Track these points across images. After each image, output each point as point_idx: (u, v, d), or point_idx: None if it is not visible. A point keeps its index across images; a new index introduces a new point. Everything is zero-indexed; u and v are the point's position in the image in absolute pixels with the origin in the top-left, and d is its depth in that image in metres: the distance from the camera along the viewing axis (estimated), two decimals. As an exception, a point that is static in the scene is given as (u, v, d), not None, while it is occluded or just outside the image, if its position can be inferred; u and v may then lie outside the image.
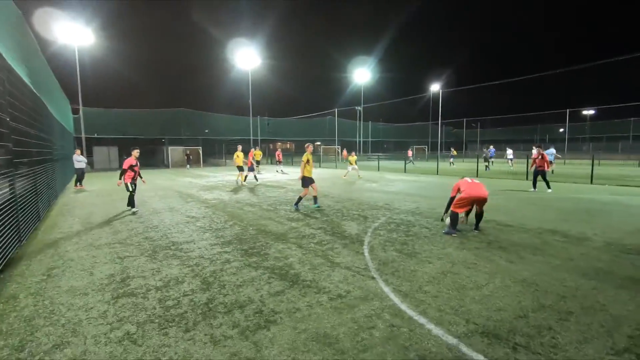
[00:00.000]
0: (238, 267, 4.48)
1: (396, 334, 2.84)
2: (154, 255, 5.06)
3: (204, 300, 3.51)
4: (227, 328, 2.95)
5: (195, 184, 15.90)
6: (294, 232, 6.31)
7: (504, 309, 3.24)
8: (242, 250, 5.25)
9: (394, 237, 5.85)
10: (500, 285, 3.80)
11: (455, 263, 4.51)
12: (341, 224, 6.94)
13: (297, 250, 5.18)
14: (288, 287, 3.83)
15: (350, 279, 4.04)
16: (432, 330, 2.88)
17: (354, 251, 5.10)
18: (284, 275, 4.17)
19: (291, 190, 12.74)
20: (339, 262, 4.64)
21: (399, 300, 3.45)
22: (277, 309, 3.29)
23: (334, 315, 3.17)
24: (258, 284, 3.92)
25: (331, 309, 3.28)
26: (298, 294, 3.63)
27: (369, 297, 3.52)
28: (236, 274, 4.23)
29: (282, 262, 4.65)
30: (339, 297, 3.55)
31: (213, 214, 8.32)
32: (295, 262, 4.64)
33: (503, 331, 2.84)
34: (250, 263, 4.64)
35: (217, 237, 6.03)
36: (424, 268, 4.35)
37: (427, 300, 3.43)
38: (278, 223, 7.12)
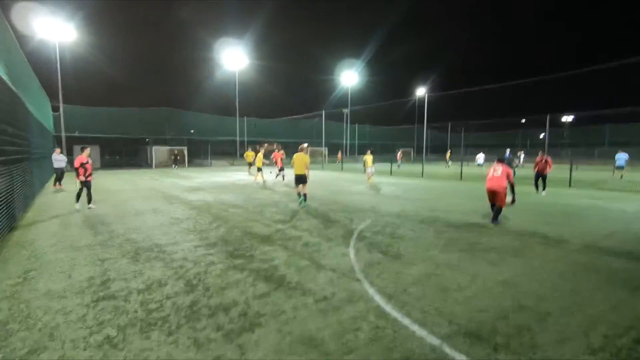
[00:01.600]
0: (223, 269, 4.43)
1: (381, 335, 2.86)
2: (136, 257, 4.95)
3: (187, 303, 3.46)
4: (211, 331, 2.92)
5: (179, 185, 15.65)
6: (280, 234, 6.29)
7: (486, 310, 3.30)
8: (227, 252, 5.20)
9: (379, 240, 5.90)
10: (482, 286, 3.87)
11: (439, 265, 4.58)
12: (327, 226, 6.95)
13: (283, 252, 5.16)
14: (273, 289, 3.81)
15: (336, 280, 4.05)
16: (416, 331, 2.92)
17: (339, 253, 5.12)
18: (270, 278, 4.15)
19: (277, 192, 12.70)
20: (324, 264, 4.64)
21: (384, 301, 3.48)
22: (262, 312, 3.27)
23: (320, 317, 3.17)
24: (243, 286, 3.89)
25: (317, 311, 3.28)
26: (284, 296, 3.61)
27: (354, 299, 3.54)
28: (221, 276, 4.18)
29: (268, 264, 4.63)
30: (325, 299, 3.55)
31: (198, 215, 8.21)
32: (281, 264, 4.63)
33: (484, 332, 2.90)
34: (236, 265, 4.60)
35: (201, 239, 5.95)
36: (408, 270, 4.40)
37: (411, 302, 3.47)
38: (264, 225, 7.08)
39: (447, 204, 9.83)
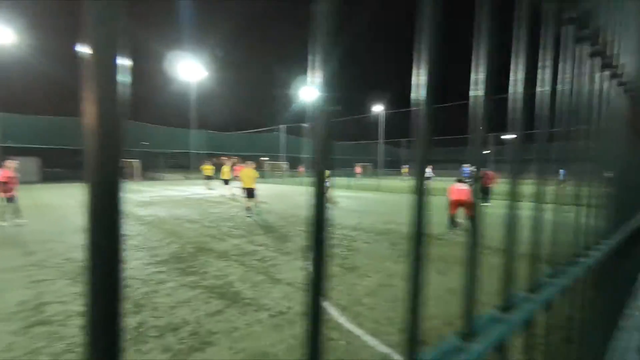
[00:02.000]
0: (174, 288, 4.24)
1: (334, 346, 2.89)
2: (77, 278, 4.60)
3: (133, 324, 3.27)
4: (157, 353, 2.78)
5: (129, 200, 14.78)
6: (236, 249, 6.16)
7: (435, 317, 3.47)
8: (179, 269, 4.99)
9: (336, 252, 5.98)
10: (432, 295, 4.06)
11: (392, 276, 4.73)
12: (285, 240, 6.92)
13: (239, 268, 5.06)
14: (227, 306, 3.72)
15: (292, 295, 4.04)
16: (368, 341, 2.99)
17: (296, 267, 5.12)
18: (224, 294, 4.04)
19: (235, 207, 12.44)
20: (280, 278, 4.62)
21: (338, 313, 3.53)
22: (214, 330, 3.17)
23: (274, 332, 3.14)
24: (195, 304, 3.75)
25: (271, 327, 3.25)
26: (237, 313, 3.54)
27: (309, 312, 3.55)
28: (171, 295, 4.00)
29: (222, 281, 4.51)
30: (280, 313, 3.53)
31: (148, 231, 7.80)
32: (236, 280, 4.53)
33: (432, 337, 3.04)
34: (188, 283, 4.43)
35: (151, 256, 5.66)
36: (363, 281, 4.50)
37: (364, 313, 3.55)
38: (220, 240, 6.89)
39: (402, 217, 10.21)
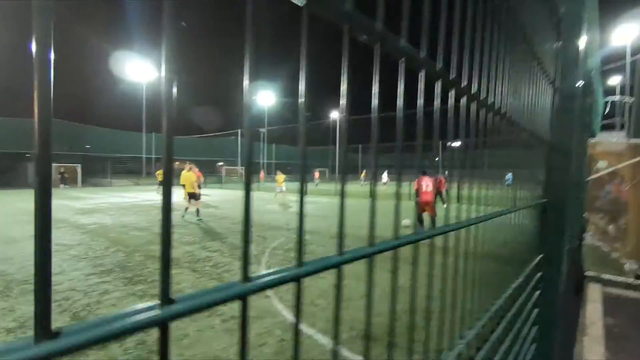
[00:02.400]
0: (119, 298, 4.05)
1: (286, 347, 2.95)
2: (7, 292, 4.21)
3: (72, 337, 3.08)
4: (100, 365, 2.66)
5: (70, 207, 13.71)
6: (188, 256, 5.99)
7: (383, 314, 3.64)
8: (125, 278, 4.76)
9: (291, 256, 6.03)
10: (382, 293, 4.25)
11: (346, 276, 4.87)
12: (239, 246, 6.84)
13: (191, 275, 4.93)
14: (177, 313, 3.62)
15: (245, 299, 4.04)
16: (319, 340, 3.08)
17: (251, 272, 5.09)
18: (174, 302, 3.93)
19: (188, 213, 12.01)
20: (234, 283, 4.58)
21: (292, 315, 3.59)
22: (162, 338, 3.09)
23: (226, 336, 3.13)
24: (142, 313, 3.61)
25: (223, 331, 3.23)
26: (188, 320, 3.46)
27: (262, 315, 3.58)
28: (116, 305, 3.82)
29: (173, 288, 4.37)
30: (232, 318, 3.51)
31: (91, 240, 7.31)
32: (187, 288, 4.42)
33: (380, 333, 3.21)
34: (135, 292, 4.24)
35: (94, 266, 5.32)
36: (317, 283, 4.60)
37: (317, 313, 3.64)
38: (172, 247, 6.64)
39: (358, 220, 10.50)
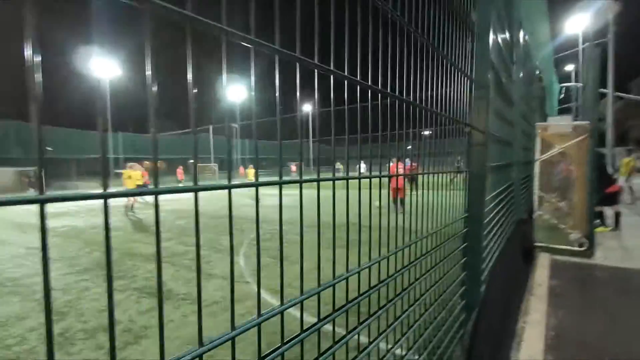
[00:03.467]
0: (100, 293, 4.14)
1: (266, 323, 3.19)
2: (-18, 295, 4.20)
3: (57, 330, 3.19)
4: (89, 352, 2.80)
5: (37, 212, 13.19)
6: (166, 251, 6.08)
7: (355, 290, 3.96)
8: (104, 275, 4.82)
9: (268, 246, 6.25)
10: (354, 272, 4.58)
11: (321, 261, 5.17)
12: (217, 239, 6.99)
13: (170, 269, 5.06)
14: (160, 303, 3.78)
15: (226, 286, 4.23)
16: (297, 315, 3.35)
17: (229, 261, 5.28)
18: (155, 293, 4.07)
19: (164, 210, 11.93)
20: (214, 273, 4.76)
21: (270, 296, 3.84)
22: (148, 325, 3.26)
23: (209, 319, 3.33)
24: (126, 305, 3.75)
25: (206, 315, 3.43)
26: (172, 308, 3.64)
27: (243, 299, 3.80)
28: (98, 300, 3.92)
29: (153, 281, 4.50)
30: (215, 303, 3.72)
31: (64, 242, 7.21)
32: (168, 280, 4.56)
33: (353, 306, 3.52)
34: (116, 287, 4.34)
35: (70, 266, 5.33)
36: (293, 268, 4.83)
37: (294, 293, 3.90)
38: (147, 244, 6.69)
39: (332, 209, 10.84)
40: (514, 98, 3.20)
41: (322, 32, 0.66)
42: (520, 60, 3.64)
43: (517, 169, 3.76)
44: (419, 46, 1.09)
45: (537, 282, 4.25)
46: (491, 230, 1.97)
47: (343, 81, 0.71)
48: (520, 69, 3.70)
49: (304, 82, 0.66)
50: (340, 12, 0.69)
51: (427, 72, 1.16)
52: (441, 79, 1.26)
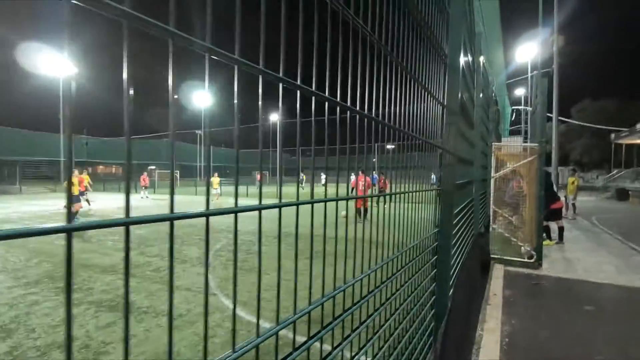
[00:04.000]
0: (53, 307, 3.86)
1: (235, 336, 3.15)
2: None
3: (4, 349, 2.94)
4: (42, 371, 2.61)
5: (-29, 218, 12.00)
6: (126, 263, 5.79)
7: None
8: (56, 288, 4.50)
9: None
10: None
11: (288, 272, 5.15)
12: (181, 250, 6.76)
13: (131, 280, 4.81)
14: (120, 317, 3.60)
15: (191, 298, 4.12)
16: (266, 327, 3.33)
17: (194, 273, 5.14)
18: (115, 307, 3.87)
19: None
20: (178, 285, 4.61)
21: (239, 309, 3.78)
22: (107, 340, 3.09)
23: (175, 332, 3.22)
24: (82, 319, 3.52)
25: (171, 329, 3.32)
26: (134, 321, 3.47)
27: (210, 312, 3.72)
28: (50, 315, 3.65)
29: (112, 294, 4.27)
30: (180, 316, 3.60)
31: (7, 252, 6.62)
32: (129, 292, 4.34)
33: (319, 317, 3.56)
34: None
35: (15, 279, 4.91)
36: (262, 280, 4.81)
37: (263, 305, 3.86)
38: (104, 255, 6.32)
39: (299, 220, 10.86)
40: (475, 120, 3.48)
41: (290, 46, 0.68)
42: (479, 85, 3.95)
43: (477, 186, 4.04)
44: (400, 75, 1.21)
45: (493, 292, 4.54)
46: (456, 244, 2.13)
47: (311, 97, 0.74)
48: (479, 93, 4.02)
49: (274, 93, 0.69)
50: (310, 26, 0.72)
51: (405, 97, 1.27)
52: (417, 103, 1.38)
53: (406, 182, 1.41)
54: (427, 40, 1.48)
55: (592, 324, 3.68)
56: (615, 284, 4.93)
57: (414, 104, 1.34)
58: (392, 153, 1.26)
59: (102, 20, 0.41)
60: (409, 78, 1.28)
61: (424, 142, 1.48)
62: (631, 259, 6.44)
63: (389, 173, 1.34)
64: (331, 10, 0.75)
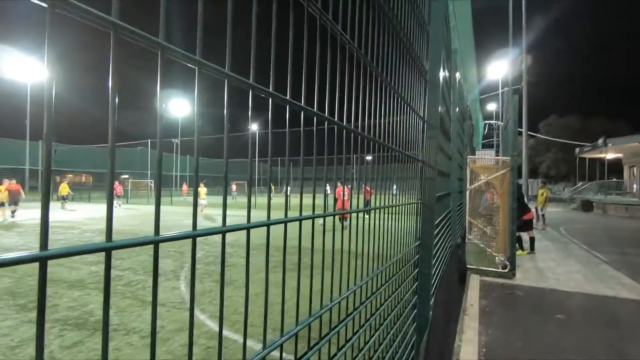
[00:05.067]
0: (12, 326, 3.60)
1: (212, 353, 3.04)
2: None
3: (-44, 374, 2.70)
4: (-1, 397, 2.41)
5: None
6: (94, 277, 5.50)
7: (303, 314, 3.94)
8: (17, 305, 4.21)
9: (211, 269, 5.98)
10: (301, 297, 4.56)
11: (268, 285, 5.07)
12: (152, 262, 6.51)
13: (99, 296, 4.58)
14: (88, 335, 3.40)
15: (165, 314, 3.95)
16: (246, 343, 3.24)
17: (169, 287, 4.95)
18: (82, 325, 3.65)
19: (88, 230, 10.82)
20: (151, 300, 4.41)
21: (215, 324, 3.66)
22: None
23: (147, 351, 3.07)
24: (46, 338, 3.28)
25: (143, 347, 3.16)
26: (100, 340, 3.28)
27: (185, 328, 3.57)
28: (9, 335, 3.40)
29: (79, 311, 4.04)
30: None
31: (-38, 267, 6.16)
32: (97, 309, 4.12)
33: (302, 332, 3.49)
34: (32, 319, 3.81)
35: (-28, 296, 4.57)
36: (240, 293, 4.70)
37: (241, 320, 3.77)
38: (71, 268, 6.00)
39: (279, 231, 10.74)
40: (452, 134, 3.57)
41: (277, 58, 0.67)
42: (456, 100, 4.08)
43: (454, 198, 4.14)
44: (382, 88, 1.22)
45: (470, 303, 4.62)
46: (436, 255, 2.15)
47: (285, 106, 0.72)
48: (456, 107, 4.15)
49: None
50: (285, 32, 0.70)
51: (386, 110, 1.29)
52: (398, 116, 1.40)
53: (387, 194, 1.42)
54: (408, 56, 1.51)
55: (563, 332, 3.79)
56: (583, 292, 5.13)
57: (394, 117, 1.35)
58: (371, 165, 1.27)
59: (76, 25, 0.38)
60: (390, 91, 1.30)
61: (404, 155, 1.50)
62: (597, 267, 6.75)
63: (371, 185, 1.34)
64: (308, 14, 0.75)
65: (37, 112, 34.30)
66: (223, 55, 0.55)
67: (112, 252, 0.39)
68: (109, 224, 0.39)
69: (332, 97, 0.87)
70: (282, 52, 0.68)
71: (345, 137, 0.95)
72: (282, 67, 0.68)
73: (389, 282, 1.38)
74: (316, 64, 0.76)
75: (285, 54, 0.68)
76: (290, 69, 0.67)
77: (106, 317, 0.38)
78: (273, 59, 0.63)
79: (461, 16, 5.08)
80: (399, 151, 1.37)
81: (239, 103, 0.60)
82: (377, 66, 1.13)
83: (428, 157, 1.70)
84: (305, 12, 0.71)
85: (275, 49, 0.63)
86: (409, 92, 1.49)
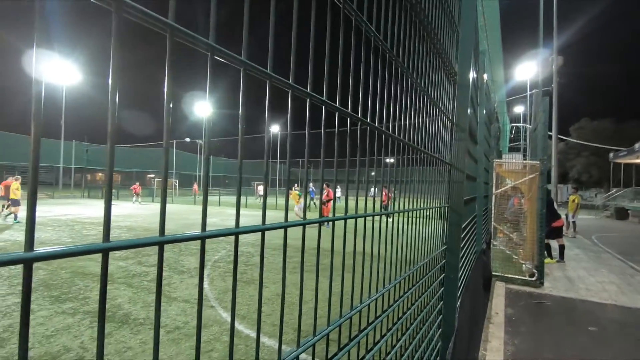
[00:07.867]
0: (47, 316, 3.78)
1: (234, 350, 3.08)
2: None
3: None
4: (35, 383, 2.54)
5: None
6: (122, 272, 5.71)
7: (322, 316, 3.93)
8: (51, 297, 4.42)
9: (232, 268, 6.08)
10: (321, 298, 4.57)
11: (288, 285, 5.11)
12: (179, 260, 6.68)
13: (127, 290, 4.75)
14: (116, 328, 3.53)
15: (189, 310, 4.04)
16: (265, 342, 3.27)
17: (192, 284, 5.06)
18: (111, 317, 3.79)
19: (118, 227, 11.23)
20: (176, 296, 4.53)
21: (237, 322, 3.71)
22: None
23: (172, 346, 3.16)
24: (77, 330, 3.45)
25: (168, 342, 3.24)
26: (129, 334, 3.40)
27: (208, 324, 3.65)
28: (44, 324, 3.58)
29: (108, 304, 4.19)
30: (177, 329, 3.53)
31: (2, 258, 6.54)
32: (125, 302, 4.27)
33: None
34: (65, 310, 3.99)
35: (10, 286, 4.84)
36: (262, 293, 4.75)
37: (262, 319, 3.81)
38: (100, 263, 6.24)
39: (297, 232, 10.80)
40: (479, 137, 3.49)
41: (312, 57, 0.65)
42: (483, 102, 3.98)
43: (480, 202, 4.03)
44: (412, 89, 1.21)
45: (495, 311, 4.48)
46: (462, 260, 2.10)
47: (321, 107, 0.71)
48: (483, 110, 4.05)
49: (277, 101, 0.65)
50: (322, 36, 0.68)
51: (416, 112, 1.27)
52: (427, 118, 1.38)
53: (415, 197, 1.40)
54: (438, 57, 1.49)
55: (596, 345, 3.61)
56: (618, 305, 4.87)
57: (424, 119, 1.34)
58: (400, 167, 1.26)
59: (130, 27, 0.37)
60: (420, 93, 1.29)
61: (433, 158, 1.48)
62: (633, 279, 6.39)
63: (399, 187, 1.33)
64: (344, 15, 0.74)
65: (70, 114, 35.93)
66: (263, 57, 0.56)
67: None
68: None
69: (365, 98, 0.87)
70: (319, 54, 0.68)
71: (376, 139, 0.94)
72: (318, 67, 0.68)
73: (416, 286, 1.36)
74: (350, 65, 0.76)
75: (322, 55, 0.69)
76: (327, 70, 0.68)
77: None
78: (311, 60, 0.63)
79: (489, 15, 4.96)
80: (428, 154, 1.35)
81: (271, 103, 0.59)
82: (408, 67, 1.12)
83: (456, 160, 1.67)
84: (342, 13, 0.71)
85: (313, 51, 0.63)
86: (438, 93, 1.47)
